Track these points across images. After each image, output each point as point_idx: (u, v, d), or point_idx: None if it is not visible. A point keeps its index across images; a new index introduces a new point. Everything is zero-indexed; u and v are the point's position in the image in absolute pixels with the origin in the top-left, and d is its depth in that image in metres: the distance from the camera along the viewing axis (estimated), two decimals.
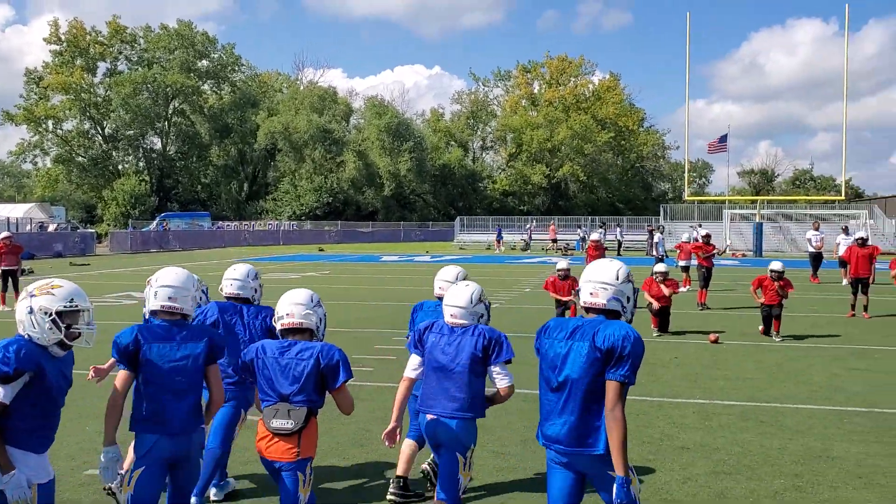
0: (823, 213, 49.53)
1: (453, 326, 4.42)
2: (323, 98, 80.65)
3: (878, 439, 6.74)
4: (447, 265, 5.27)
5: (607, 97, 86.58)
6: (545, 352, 3.61)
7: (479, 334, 4.35)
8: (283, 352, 4.01)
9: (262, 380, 4.03)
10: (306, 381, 3.93)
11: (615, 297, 3.55)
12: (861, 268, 14.98)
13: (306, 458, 3.97)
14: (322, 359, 3.94)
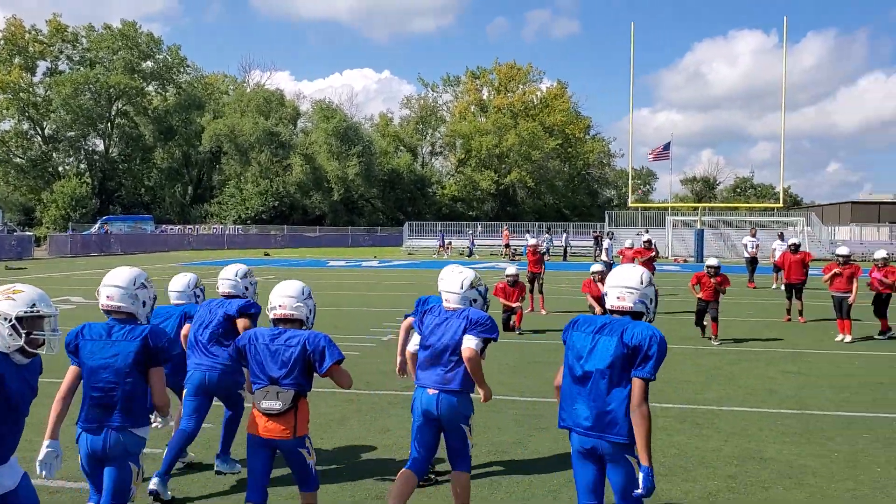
0: (763, 220, 50.83)
1: (448, 310, 4.84)
2: (269, 101, 79.82)
3: (808, 440, 6.90)
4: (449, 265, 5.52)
5: (555, 105, 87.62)
6: (572, 343, 3.96)
7: (464, 316, 4.71)
8: (273, 338, 4.34)
9: (253, 364, 4.36)
10: (294, 365, 4.27)
11: (640, 300, 3.93)
12: (794, 273, 15.42)
13: (302, 437, 4.31)
14: (308, 345, 4.27)
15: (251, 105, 76.75)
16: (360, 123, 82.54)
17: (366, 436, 7.04)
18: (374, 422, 7.48)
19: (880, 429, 7.29)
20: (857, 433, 7.12)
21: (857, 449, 6.62)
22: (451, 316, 4.79)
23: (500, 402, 8.32)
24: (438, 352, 4.72)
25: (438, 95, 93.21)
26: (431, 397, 4.68)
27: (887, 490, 5.63)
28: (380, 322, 14.68)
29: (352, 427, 7.29)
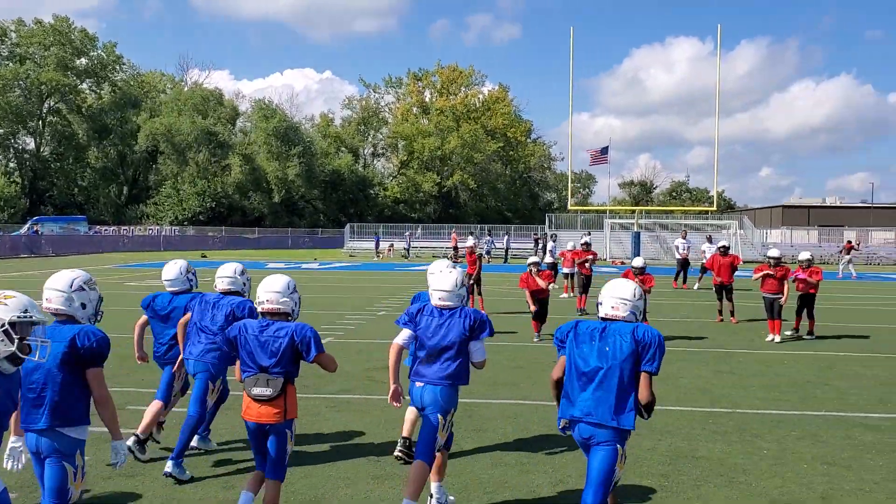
0: (697, 223, 52.00)
1: (441, 309, 5.08)
2: (208, 100, 78.49)
3: (739, 439, 7.04)
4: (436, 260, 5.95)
5: (497, 108, 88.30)
6: (577, 343, 4.41)
7: (465, 316, 5.04)
8: (262, 330, 4.63)
9: (244, 353, 4.64)
10: (282, 355, 4.56)
11: (632, 312, 4.42)
12: (724, 275, 15.82)
13: (291, 419, 4.62)
14: (296, 336, 4.57)
15: (189, 104, 75.34)
16: (300, 124, 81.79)
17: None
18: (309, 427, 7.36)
19: (807, 427, 7.48)
20: (786, 431, 7.30)
21: (784, 447, 6.78)
22: (450, 316, 5.06)
23: None
24: (438, 350, 5.00)
25: (380, 97, 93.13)
26: (420, 389, 5.04)
27: (813, 486, 5.77)
28: (317, 325, 14.50)
29: None
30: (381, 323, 15.13)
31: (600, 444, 4.21)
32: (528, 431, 7.23)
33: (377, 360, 10.85)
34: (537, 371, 10.27)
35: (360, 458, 6.41)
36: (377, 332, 13.60)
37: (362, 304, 18.18)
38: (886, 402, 8.62)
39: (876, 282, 30.20)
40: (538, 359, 11.17)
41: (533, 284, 12.98)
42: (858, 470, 6.16)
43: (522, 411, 7.98)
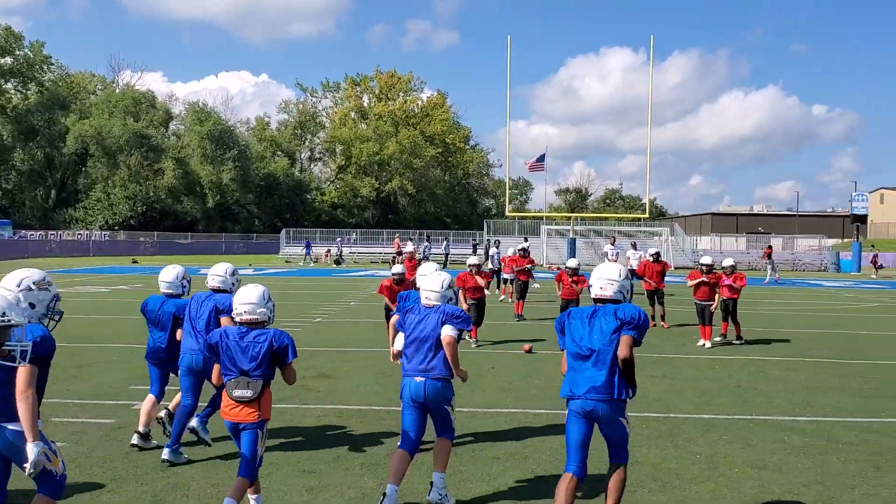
0: (630, 230, 52.98)
1: (427, 307, 5.56)
2: (140, 102, 76.59)
3: (672, 443, 7.13)
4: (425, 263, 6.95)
5: (435, 114, 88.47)
6: (570, 330, 4.91)
7: (441, 311, 5.49)
8: (242, 336, 4.93)
9: (225, 358, 4.93)
10: (262, 359, 4.86)
11: (619, 291, 4.92)
12: (655, 280, 16.14)
13: (265, 420, 4.92)
14: (275, 342, 4.88)
15: (120, 106, 73.37)
16: (235, 127, 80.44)
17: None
18: None
19: (738, 430, 7.62)
20: (718, 435, 7.42)
21: (716, 451, 6.89)
22: (430, 312, 5.52)
23: (370, 412, 8.19)
24: (419, 342, 5.46)
25: (318, 101, 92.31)
26: (419, 384, 5.40)
27: (743, 490, 5.87)
28: None
29: None
30: (316, 330, 14.93)
31: (607, 417, 4.77)
32: (463, 440, 7.18)
33: (312, 368, 10.69)
34: (474, 377, 10.25)
35: (291, 468, 6.30)
36: (312, 340, 13.41)
37: (297, 312, 17.92)
38: (812, 404, 8.86)
39: (801, 287, 31.20)
40: (477, 363, 11.15)
41: (471, 282, 13.04)
42: (787, 473, 6.29)
43: (459, 419, 7.90)
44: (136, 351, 12.07)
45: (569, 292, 13.30)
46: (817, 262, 49.52)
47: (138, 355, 11.76)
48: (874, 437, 7.43)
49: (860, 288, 31.67)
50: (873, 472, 6.35)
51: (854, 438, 7.38)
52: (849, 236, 65.82)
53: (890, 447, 7.10)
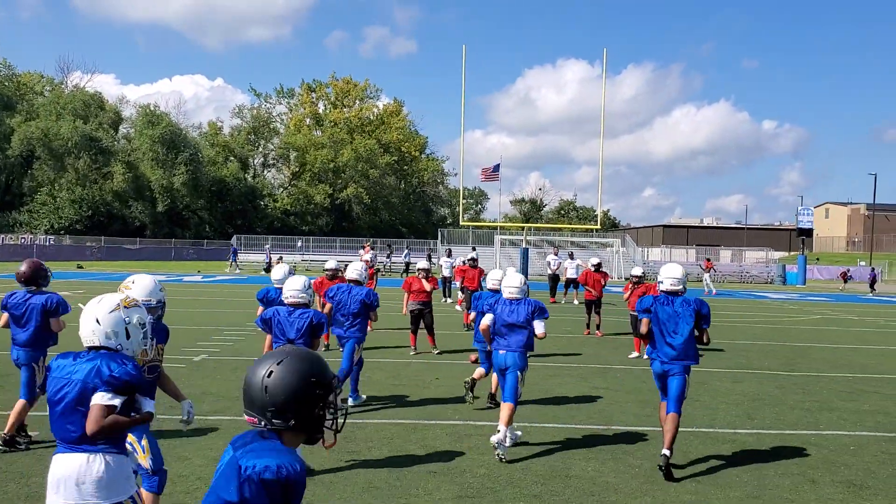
0: (583, 240, 53.37)
1: (512, 300, 7.29)
2: (89, 104, 74.91)
3: (612, 456, 7.05)
4: (494, 269, 9.21)
5: (391, 122, 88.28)
6: (658, 312, 6.84)
7: (529, 303, 7.28)
8: (290, 313, 6.72)
9: (276, 329, 6.71)
10: (305, 330, 6.61)
11: (683, 285, 7.00)
12: (596, 290, 16.23)
13: None
14: (314, 319, 6.66)
15: (69, 108, 71.63)
16: (187, 130, 79.13)
17: None
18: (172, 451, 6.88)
19: (677, 443, 7.55)
20: (657, 448, 7.34)
21: (655, 464, 6.81)
22: (519, 304, 7.26)
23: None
24: (511, 326, 7.16)
25: (272, 106, 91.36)
26: (502, 356, 7.18)
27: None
28: (193, 341, 13.90)
29: None
30: (261, 339, 14.56)
31: (675, 374, 6.69)
32: (405, 451, 7.02)
33: None
34: (418, 388, 10.09)
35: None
36: (255, 350, 13.10)
37: (242, 320, 17.56)
38: (753, 417, 8.89)
39: (747, 300, 31.69)
40: (421, 374, 10.99)
41: (418, 285, 13.13)
42: (724, 487, 6.25)
43: (399, 432, 7.76)
44: None
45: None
46: (764, 275, 50.44)
47: None
48: (812, 450, 7.46)
49: (805, 300, 32.29)
50: (809, 485, 6.35)
51: (792, 452, 7.40)
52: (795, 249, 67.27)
53: (827, 460, 7.12)
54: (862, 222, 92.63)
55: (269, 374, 2.42)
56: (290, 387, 2.39)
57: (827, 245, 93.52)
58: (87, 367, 3.42)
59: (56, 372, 3.49)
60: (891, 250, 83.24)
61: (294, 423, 2.40)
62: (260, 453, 2.33)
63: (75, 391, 3.40)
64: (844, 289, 41.63)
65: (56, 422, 3.44)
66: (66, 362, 3.48)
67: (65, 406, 3.40)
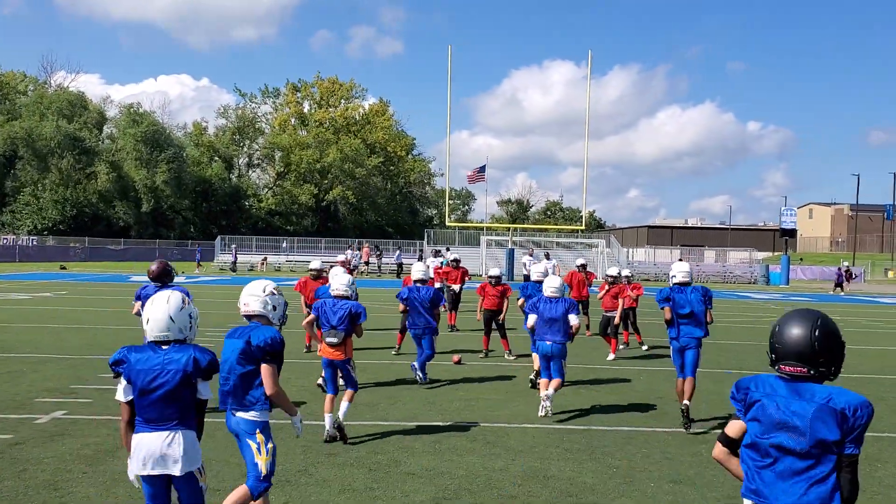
0: (568, 241, 53.47)
1: (551, 298, 8.83)
2: (74, 104, 74.35)
3: (590, 457, 7.04)
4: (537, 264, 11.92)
5: (377, 122, 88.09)
6: (675, 299, 8.42)
7: (565, 301, 8.81)
8: (334, 304, 7.53)
9: (323, 318, 7.53)
10: (345, 318, 7.43)
11: (692, 277, 8.69)
12: (581, 291, 16.28)
13: (348, 358, 7.53)
14: (353, 310, 7.45)
15: (52, 108, 71.07)
16: (170, 129, 78.62)
17: None
18: None
19: (656, 443, 7.59)
20: (636, 448, 7.38)
21: (634, 464, 6.83)
22: (557, 302, 8.79)
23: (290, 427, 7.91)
24: (551, 320, 8.67)
25: (257, 106, 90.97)
26: (549, 345, 8.62)
27: None
28: None
29: None
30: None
31: (692, 347, 8.41)
32: (383, 453, 6.99)
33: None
34: (398, 388, 10.07)
35: None
36: None
37: (224, 321, 17.45)
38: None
39: (730, 299, 31.84)
40: (402, 374, 10.96)
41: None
42: (702, 487, 6.26)
43: (378, 433, 7.72)
44: (48, 361, 11.55)
45: (492, 301, 13.24)
46: (748, 275, 50.71)
47: (51, 366, 11.29)
48: None
49: (788, 300, 32.48)
50: None
51: None
52: (779, 249, 67.70)
53: None
54: (845, 222, 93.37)
55: (816, 331, 3.06)
56: (836, 338, 3.09)
57: (811, 245, 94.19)
58: (185, 358, 4.00)
59: (138, 365, 3.94)
60: (874, 250, 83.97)
61: (834, 369, 3.11)
62: (846, 393, 3.03)
63: (176, 380, 3.97)
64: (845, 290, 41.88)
65: (150, 407, 3.95)
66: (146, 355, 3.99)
67: (162, 392, 3.93)
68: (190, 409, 4.00)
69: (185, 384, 3.94)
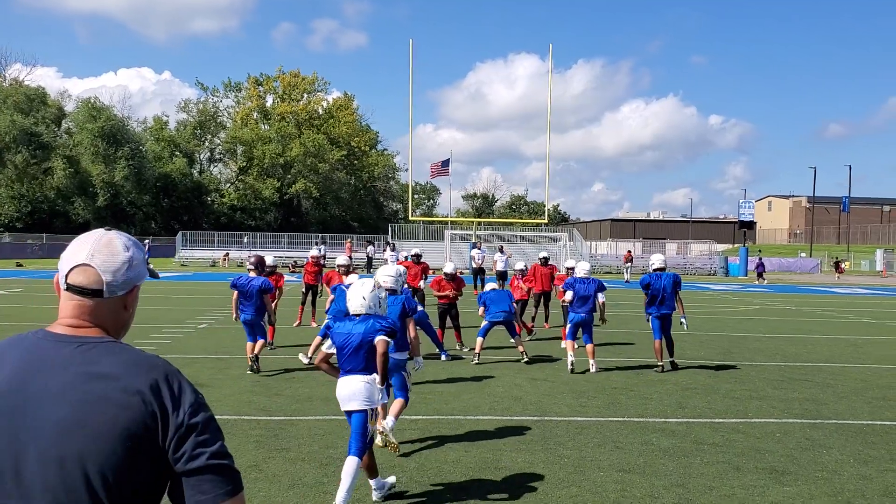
0: (532, 235, 53.72)
1: (584, 279, 11.34)
2: (32, 98, 72.79)
3: (543, 448, 7.09)
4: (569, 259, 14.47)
5: (340, 116, 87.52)
6: (654, 283, 11.31)
7: (594, 282, 11.33)
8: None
9: None
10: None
11: (666, 265, 11.90)
12: (543, 284, 16.36)
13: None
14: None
15: (8, 102, 69.52)
16: (128, 122, 77.29)
17: None
18: None
19: (609, 433, 7.66)
20: (588, 438, 7.44)
21: (584, 454, 6.88)
22: (588, 282, 11.25)
23: (241, 422, 7.86)
24: (584, 298, 11.14)
25: (219, 100, 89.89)
26: (579, 316, 11.11)
27: (605, 494, 5.85)
28: (130, 340, 13.47)
29: None
30: (200, 336, 14.36)
31: (667, 318, 11.30)
32: (336, 447, 6.96)
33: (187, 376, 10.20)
34: None
35: None
36: (193, 347, 12.89)
37: (183, 317, 17.27)
38: (685, 406, 9.03)
39: (689, 291, 32.26)
40: None
41: (337, 282, 12.97)
42: (650, 476, 6.33)
43: (332, 428, 7.70)
44: None
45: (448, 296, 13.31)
46: (707, 267, 51.40)
47: None
48: (739, 438, 7.60)
49: (745, 291, 33.02)
50: (733, 472, 6.46)
51: (720, 440, 7.53)
52: (739, 241, 68.72)
53: (752, 448, 7.26)
54: (803, 215, 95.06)
55: None
56: None
57: (770, 237, 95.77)
58: (365, 326, 5.52)
59: (339, 329, 5.58)
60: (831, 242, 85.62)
61: None
62: None
63: (357, 340, 5.48)
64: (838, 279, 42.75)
65: (345, 360, 5.52)
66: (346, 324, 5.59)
67: (350, 349, 5.48)
68: (372, 362, 5.46)
69: (365, 344, 5.47)
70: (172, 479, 1.67)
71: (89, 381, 1.64)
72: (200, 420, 1.70)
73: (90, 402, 1.61)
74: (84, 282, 1.78)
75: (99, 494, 1.58)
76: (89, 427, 1.59)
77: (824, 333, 17.21)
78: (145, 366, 1.71)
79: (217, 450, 1.68)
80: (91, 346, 1.70)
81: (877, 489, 6.13)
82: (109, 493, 1.59)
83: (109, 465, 1.59)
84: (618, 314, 20.31)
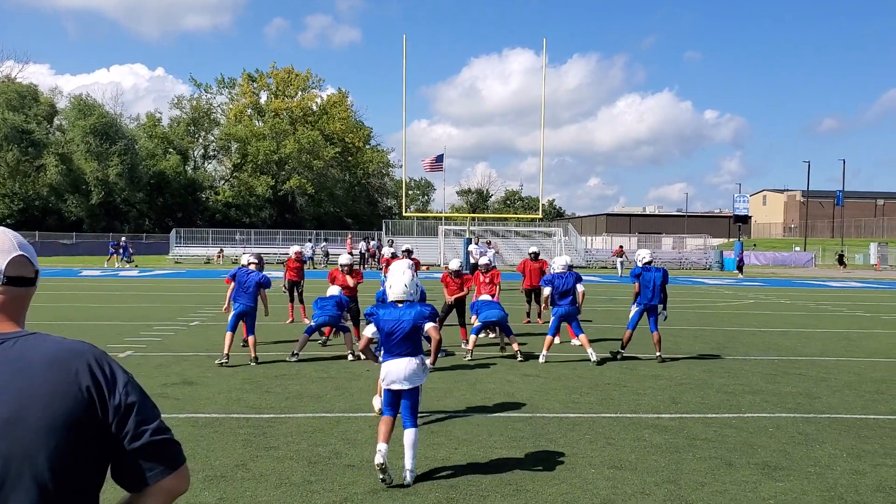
0: (526, 230, 53.66)
1: (561, 273, 11.60)
2: (25, 96, 72.37)
3: (534, 445, 7.01)
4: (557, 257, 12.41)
5: (334, 112, 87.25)
6: (644, 276, 11.63)
7: (572, 275, 11.63)
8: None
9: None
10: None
11: (653, 259, 12.25)
12: (534, 279, 16.27)
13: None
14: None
15: (1, 98, 69.11)
16: (121, 119, 76.89)
17: None
18: None
19: (601, 429, 7.60)
20: (580, 434, 7.37)
21: (576, 451, 6.81)
22: (566, 276, 11.54)
23: (230, 420, 7.78)
24: (565, 293, 11.48)
25: (213, 97, 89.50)
26: (563, 308, 11.46)
27: (596, 491, 5.78)
28: (120, 338, 13.48)
29: None
30: (191, 334, 14.27)
31: (654, 310, 11.65)
32: (325, 445, 6.88)
33: (176, 374, 10.15)
34: (347, 380, 9.96)
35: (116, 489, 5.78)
36: (183, 345, 12.80)
37: (174, 314, 17.18)
38: (678, 401, 8.97)
39: (684, 285, 32.22)
40: (350, 366, 10.86)
41: (342, 280, 12.94)
42: (642, 472, 6.26)
43: (322, 425, 7.62)
44: None
45: (454, 290, 13.22)
46: (703, 261, 51.42)
47: None
48: (731, 433, 7.54)
49: (740, 285, 32.99)
50: (725, 468, 6.40)
51: (712, 435, 7.47)
52: (734, 236, 68.74)
53: (745, 443, 7.20)
54: (798, 209, 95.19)
55: None
56: None
57: (765, 231, 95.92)
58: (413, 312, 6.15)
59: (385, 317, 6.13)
60: (825, 235, 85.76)
61: None
62: None
63: (409, 326, 6.09)
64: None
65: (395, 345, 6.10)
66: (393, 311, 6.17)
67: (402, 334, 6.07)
68: (418, 345, 6.12)
69: (415, 329, 6.09)
70: (115, 460, 1.70)
71: (20, 377, 1.62)
72: (137, 399, 1.72)
73: (26, 398, 1.61)
74: (25, 272, 1.81)
75: (48, 486, 1.59)
76: (30, 423, 1.59)
77: (818, 327, 17.18)
78: (72, 353, 1.70)
79: (158, 426, 1.72)
80: (12, 341, 1.69)
81: (870, 484, 6.07)
82: (58, 485, 1.61)
83: (56, 457, 1.60)
84: (611, 310, 20.25)
